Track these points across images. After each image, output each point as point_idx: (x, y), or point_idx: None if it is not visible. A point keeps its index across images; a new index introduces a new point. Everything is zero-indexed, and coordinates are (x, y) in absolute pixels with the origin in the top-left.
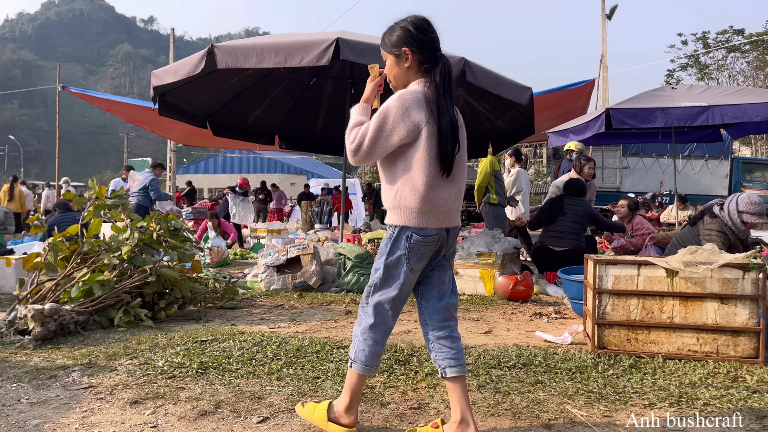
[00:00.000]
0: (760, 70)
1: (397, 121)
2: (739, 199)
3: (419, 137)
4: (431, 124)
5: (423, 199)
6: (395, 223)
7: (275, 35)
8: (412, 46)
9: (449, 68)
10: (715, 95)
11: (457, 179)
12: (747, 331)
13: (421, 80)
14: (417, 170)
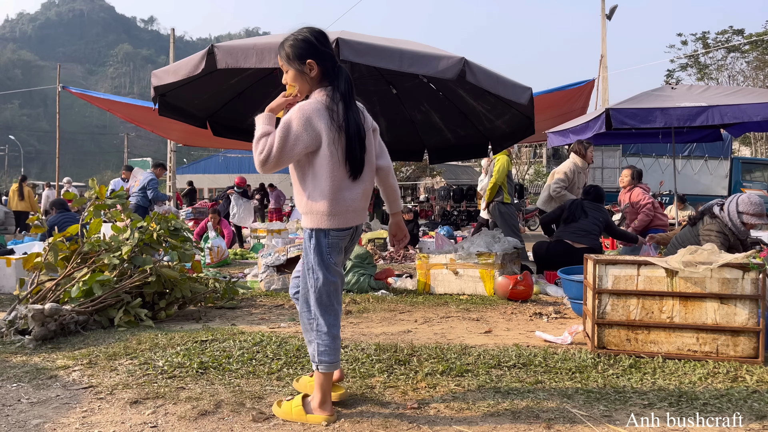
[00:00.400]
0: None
1: (300, 131)
2: (739, 200)
3: (322, 145)
4: (333, 131)
5: (332, 202)
6: (311, 226)
7: (275, 35)
8: (316, 57)
9: (350, 77)
10: (714, 95)
11: (363, 180)
12: (747, 331)
13: (322, 90)
14: (323, 176)
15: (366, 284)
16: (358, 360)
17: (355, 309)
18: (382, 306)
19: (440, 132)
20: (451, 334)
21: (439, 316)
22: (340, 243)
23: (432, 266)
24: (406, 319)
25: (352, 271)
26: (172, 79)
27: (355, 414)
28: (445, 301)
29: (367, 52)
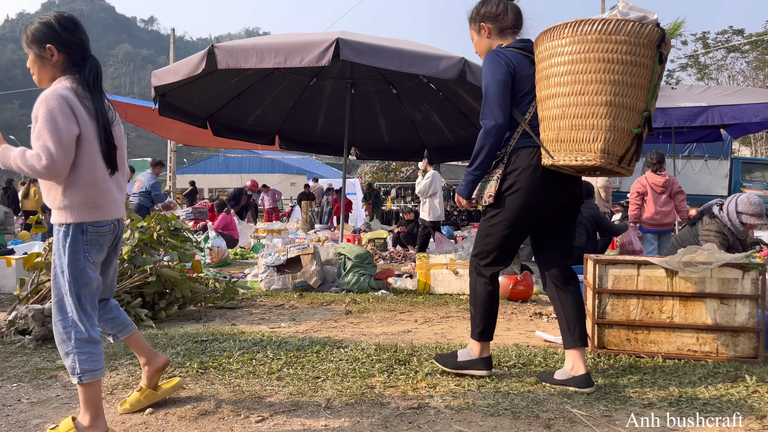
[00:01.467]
0: (759, 70)
1: (65, 118)
2: (739, 200)
3: (81, 133)
4: (87, 119)
5: (93, 194)
6: (69, 221)
7: (275, 35)
8: (57, 43)
9: (99, 68)
10: (714, 95)
11: (119, 171)
12: (747, 331)
13: (68, 77)
14: (84, 165)
15: (366, 284)
16: (358, 360)
17: (355, 309)
18: (382, 306)
19: (440, 132)
20: (451, 334)
21: (439, 316)
22: (101, 239)
23: (432, 266)
24: (406, 319)
25: (352, 271)
26: (173, 79)
27: (355, 414)
28: (445, 301)
29: (367, 52)
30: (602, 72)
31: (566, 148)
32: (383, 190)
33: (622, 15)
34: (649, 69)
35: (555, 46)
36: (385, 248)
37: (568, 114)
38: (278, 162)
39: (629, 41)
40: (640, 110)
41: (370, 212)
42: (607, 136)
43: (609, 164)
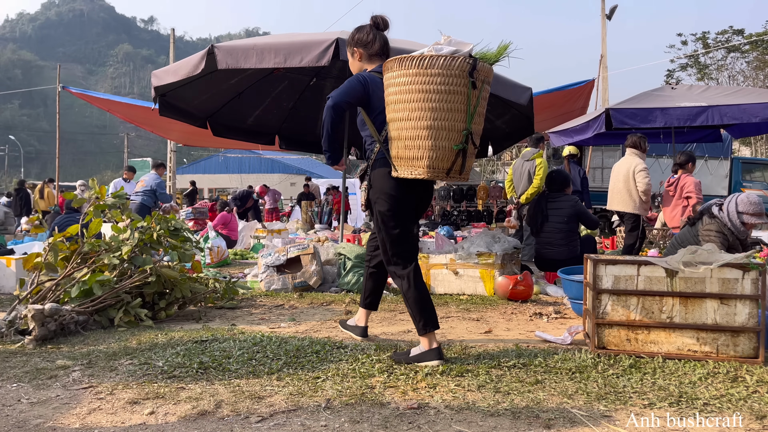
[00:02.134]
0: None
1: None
2: (738, 200)
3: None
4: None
5: None
6: None
7: (275, 35)
8: None
9: None
10: (714, 95)
11: None
12: (747, 331)
13: None
14: None
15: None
16: (358, 360)
17: (355, 309)
18: (382, 306)
19: None
20: (451, 334)
21: (439, 316)
22: None
23: (432, 266)
24: (406, 319)
25: (352, 271)
26: (172, 79)
27: (355, 414)
28: (445, 301)
29: None
30: (422, 101)
31: (404, 164)
32: None
33: (435, 51)
34: (464, 95)
35: (390, 77)
36: None
37: (401, 136)
38: (278, 162)
39: (443, 73)
40: (459, 130)
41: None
42: (431, 154)
43: (437, 176)
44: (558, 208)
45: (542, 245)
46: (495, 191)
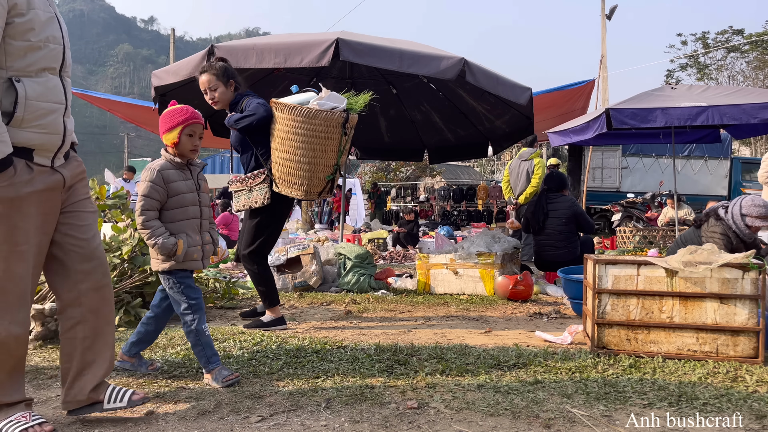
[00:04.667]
0: (759, 70)
1: None
2: (743, 203)
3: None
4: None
5: None
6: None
7: (275, 35)
8: None
9: None
10: (714, 95)
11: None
12: (746, 331)
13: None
14: None
15: (366, 284)
16: (358, 360)
17: (355, 309)
18: (382, 306)
19: (440, 132)
20: (451, 334)
21: (439, 316)
22: None
23: (432, 266)
24: (406, 319)
25: (352, 271)
26: (173, 80)
27: (355, 414)
28: (445, 301)
29: (366, 52)
30: (305, 142)
31: (285, 184)
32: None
33: (320, 105)
34: (336, 140)
35: (279, 116)
36: (385, 248)
37: (285, 165)
38: None
39: (323, 123)
40: (331, 165)
41: (372, 211)
42: (308, 182)
43: (311, 197)
44: (556, 209)
45: (542, 247)
46: (495, 191)
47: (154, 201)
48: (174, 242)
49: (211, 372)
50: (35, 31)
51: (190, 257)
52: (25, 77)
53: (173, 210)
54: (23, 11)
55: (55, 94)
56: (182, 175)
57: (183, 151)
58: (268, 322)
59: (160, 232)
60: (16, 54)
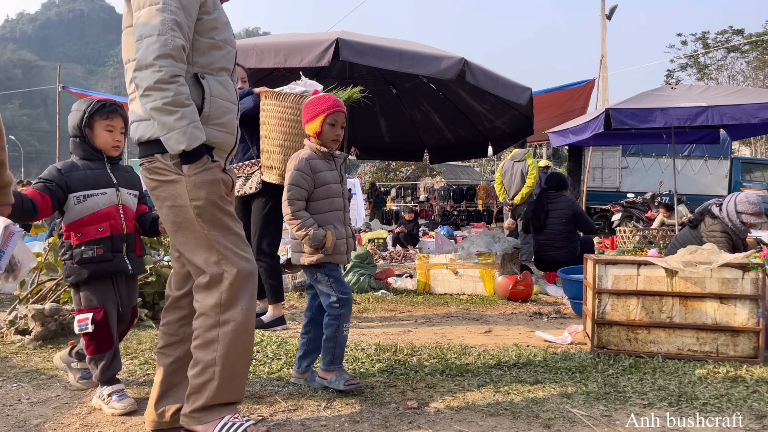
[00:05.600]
0: (759, 70)
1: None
2: (737, 200)
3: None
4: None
5: None
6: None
7: (275, 35)
8: None
9: None
10: (714, 95)
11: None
12: (746, 331)
13: None
14: None
15: (366, 284)
16: (358, 360)
17: (355, 309)
18: (382, 306)
19: (440, 132)
20: (451, 334)
21: (439, 316)
22: None
23: (432, 266)
24: (406, 319)
25: (352, 271)
26: None
27: (355, 414)
28: (445, 301)
29: (366, 52)
30: (277, 125)
31: (264, 169)
32: (383, 190)
33: (290, 89)
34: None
35: (262, 104)
36: (385, 248)
37: (264, 150)
38: None
39: (292, 106)
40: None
41: (371, 210)
42: (280, 165)
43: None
44: (557, 209)
45: (542, 247)
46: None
47: (303, 190)
48: (323, 234)
49: (331, 372)
50: (218, 31)
51: (338, 250)
52: (208, 75)
53: (320, 201)
54: (210, 9)
55: (231, 93)
56: (328, 165)
57: (325, 140)
58: (268, 322)
59: (311, 223)
60: (202, 50)
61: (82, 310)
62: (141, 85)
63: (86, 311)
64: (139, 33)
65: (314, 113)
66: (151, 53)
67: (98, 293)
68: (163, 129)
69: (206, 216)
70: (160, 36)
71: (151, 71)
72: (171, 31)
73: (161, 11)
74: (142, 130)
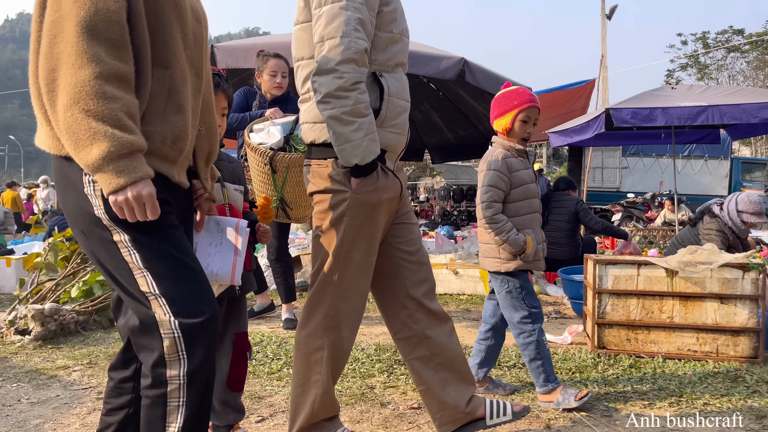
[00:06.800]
0: (759, 70)
1: None
2: (738, 199)
3: None
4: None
5: None
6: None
7: (275, 35)
8: None
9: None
10: (714, 95)
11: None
12: (747, 331)
13: None
14: None
15: None
16: (358, 360)
17: None
18: None
19: (440, 132)
20: None
21: None
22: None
23: (432, 266)
24: None
25: None
26: None
27: (355, 414)
28: (445, 301)
29: None
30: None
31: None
32: None
33: (250, 136)
34: (266, 173)
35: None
36: None
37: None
38: None
39: (252, 153)
40: (269, 194)
41: None
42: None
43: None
44: (561, 207)
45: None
46: None
47: (501, 192)
48: (524, 239)
49: (552, 392)
50: (397, 22)
51: (538, 256)
52: (385, 72)
53: (518, 202)
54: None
55: (406, 91)
56: (523, 164)
57: (515, 138)
58: (259, 310)
59: (510, 227)
60: (380, 46)
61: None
62: (320, 90)
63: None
64: (320, 34)
65: (505, 108)
66: (332, 58)
67: None
68: (338, 139)
69: (350, 237)
70: (344, 38)
71: (332, 77)
72: (355, 32)
73: (345, 9)
74: (317, 133)
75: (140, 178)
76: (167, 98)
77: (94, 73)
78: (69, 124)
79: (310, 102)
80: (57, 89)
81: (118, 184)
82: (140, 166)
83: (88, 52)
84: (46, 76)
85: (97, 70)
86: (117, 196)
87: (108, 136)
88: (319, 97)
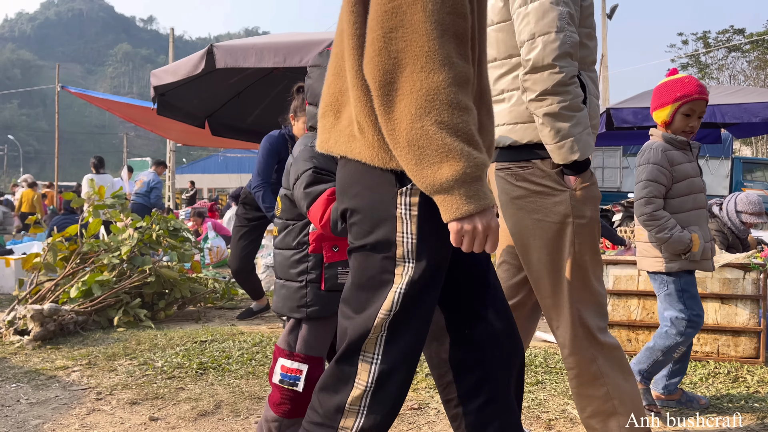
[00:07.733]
0: (760, 70)
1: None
2: (738, 199)
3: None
4: None
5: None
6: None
7: (275, 35)
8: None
9: None
10: (715, 95)
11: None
12: (747, 331)
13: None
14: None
15: None
16: None
17: None
18: None
19: None
20: None
21: None
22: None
23: None
24: None
25: None
26: (172, 79)
27: None
28: None
29: None
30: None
31: None
32: None
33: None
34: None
35: None
36: None
37: None
38: None
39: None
40: None
41: None
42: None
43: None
44: None
45: None
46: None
47: (662, 186)
48: (689, 237)
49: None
50: (592, 17)
51: (706, 256)
52: (582, 70)
53: (681, 198)
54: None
55: (598, 89)
56: (686, 157)
57: (675, 132)
58: (257, 311)
59: (673, 224)
60: (580, 43)
61: (294, 355)
62: (534, 88)
63: (301, 360)
64: (530, 31)
65: (665, 100)
66: (549, 53)
67: (326, 338)
68: (555, 136)
69: (585, 237)
70: (559, 33)
71: (550, 73)
72: (568, 26)
73: (556, 4)
74: (519, 134)
75: (489, 206)
76: (480, 100)
77: (448, 78)
78: (416, 137)
79: (504, 103)
80: (396, 95)
81: (468, 211)
82: (488, 191)
83: (440, 52)
84: (380, 77)
85: (450, 74)
86: (463, 224)
87: (464, 155)
88: (532, 96)
